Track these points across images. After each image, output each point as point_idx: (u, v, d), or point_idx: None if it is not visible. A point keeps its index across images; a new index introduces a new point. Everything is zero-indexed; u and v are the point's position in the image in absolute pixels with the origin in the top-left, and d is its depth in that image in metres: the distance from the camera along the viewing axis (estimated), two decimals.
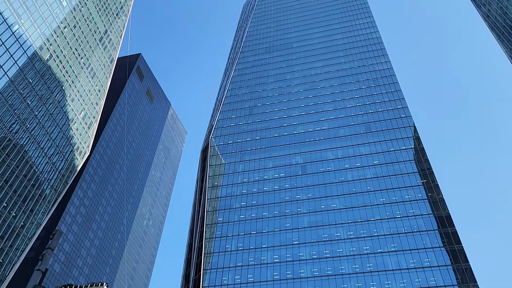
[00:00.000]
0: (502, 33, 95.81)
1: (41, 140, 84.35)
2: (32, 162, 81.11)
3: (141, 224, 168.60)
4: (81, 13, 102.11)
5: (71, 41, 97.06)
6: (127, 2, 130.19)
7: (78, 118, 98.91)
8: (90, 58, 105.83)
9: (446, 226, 71.27)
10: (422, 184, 78.94)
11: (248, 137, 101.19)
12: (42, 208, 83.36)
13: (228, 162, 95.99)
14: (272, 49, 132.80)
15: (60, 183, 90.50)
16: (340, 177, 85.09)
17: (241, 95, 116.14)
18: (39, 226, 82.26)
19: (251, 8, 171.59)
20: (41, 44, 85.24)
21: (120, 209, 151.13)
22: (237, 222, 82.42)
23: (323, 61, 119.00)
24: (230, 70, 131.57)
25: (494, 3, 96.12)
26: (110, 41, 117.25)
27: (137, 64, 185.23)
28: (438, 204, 74.87)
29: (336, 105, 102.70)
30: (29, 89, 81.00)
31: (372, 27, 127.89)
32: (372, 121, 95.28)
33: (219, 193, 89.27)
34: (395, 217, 75.19)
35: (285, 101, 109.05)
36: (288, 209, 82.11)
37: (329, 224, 77.27)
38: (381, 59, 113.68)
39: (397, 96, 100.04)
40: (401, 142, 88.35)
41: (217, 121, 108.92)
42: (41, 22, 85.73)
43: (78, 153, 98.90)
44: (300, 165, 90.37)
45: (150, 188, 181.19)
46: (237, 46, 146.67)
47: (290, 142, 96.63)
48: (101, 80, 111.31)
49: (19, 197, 76.25)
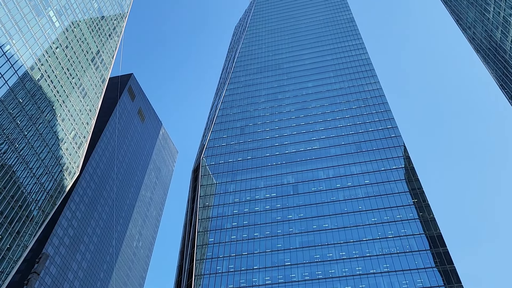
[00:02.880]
0: (488, 55, 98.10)
1: (30, 160, 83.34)
2: (20, 183, 79.90)
3: (131, 246, 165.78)
4: (73, 33, 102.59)
5: (63, 61, 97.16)
6: (120, 23, 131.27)
7: (68, 138, 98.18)
8: (82, 78, 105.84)
9: (438, 246, 71.19)
10: (413, 203, 79.12)
11: (239, 157, 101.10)
12: (29, 230, 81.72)
13: (219, 182, 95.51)
14: (264, 69, 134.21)
15: (48, 204, 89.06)
16: (331, 196, 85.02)
17: (233, 114, 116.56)
18: (26, 249, 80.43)
19: (242, 30, 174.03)
20: (32, 64, 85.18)
21: (110, 230, 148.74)
22: (228, 243, 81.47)
23: (314, 81, 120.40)
24: (222, 90, 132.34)
25: (479, 26, 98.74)
26: (102, 61, 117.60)
27: (128, 83, 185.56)
28: (429, 223, 74.95)
29: (327, 124, 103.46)
30: (19, 109, 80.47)
31: (361, 49, 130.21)
32: (363, 140, 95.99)
33: (210, 214, 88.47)
34: (387, 237, 74.98)
35: (276, 121, 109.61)
36: (279, 229, 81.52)
37: (321, 245, 76.74)
38: (370, 79, 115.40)
39: (387, 116, 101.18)
40: (391, 161, 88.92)
41: (209, 141, 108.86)
42: (33, 42, 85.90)
43: (68, 173, 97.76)
44: (292, 184, 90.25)
45: (141, 209, 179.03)
46: (229, 66, 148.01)
47: (282, 161, 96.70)
48: (92, 100, 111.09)
49: (6, 219, 74.73)
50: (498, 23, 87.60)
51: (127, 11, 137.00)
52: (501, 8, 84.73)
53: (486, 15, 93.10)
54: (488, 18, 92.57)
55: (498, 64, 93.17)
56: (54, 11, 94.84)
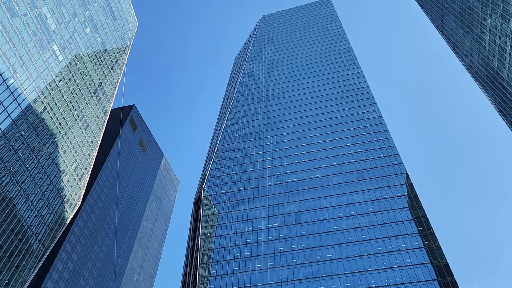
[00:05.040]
0: (485, 82, 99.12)
1: (31, 193, 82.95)
2: (21, 216, 79.22)
3: (131, 279, 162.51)
4: (76, 66, 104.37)
5: (66, 94, 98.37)
6: (122, 56, 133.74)
7: (70, 169, 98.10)
8: (84, 110, 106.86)
9: (445, 275, 69.61)
10: (418, 232, 77.95)
11: (241, 187, 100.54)
12: (28, 264, 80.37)
13: (221, 212, 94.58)
14: (264, 98, 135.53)
15: (48, 237, 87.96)
16: (335, 225, 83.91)
17: (234, 144, 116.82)
18: (24, 284, 78.84)
19: (243, 60, 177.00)
20: (35, 97, 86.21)
21: (110, 263, 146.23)
22: (230, 275, 79.82)
23: (314, 110, 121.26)
24: (223, 120, 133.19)
25: (476, 54, 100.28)
26: (104, 93, 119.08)
27: (130, 115, 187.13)
28: (435, 252, 73.56)
29: (328, 153, 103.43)
30: (21, 142, 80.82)
31: (360, 77, 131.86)
32: (365, 168, 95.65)
33: (212, 245, 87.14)
34: (392, 267, 73.45)
35: (277, 150, 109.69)
36: (283, 260, 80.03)
37: (326, 276, 75.11)
38: (370, 107, 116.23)
39: (388, 143, 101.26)
40: (394, 189, 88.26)
41: (210, 171, 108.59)
42: (36, 76, 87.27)
43: (68, 206, 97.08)
44: (294, 214, 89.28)
45: (141, 240, 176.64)
46: (230, 96, 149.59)
47: (284, 190, 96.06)
48: (94, 132, 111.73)
49: (5, 253, 73.64)
50: (495, 51, 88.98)
51: (129, 44, 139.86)
52: (497, 37, 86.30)
53: (482, 43, 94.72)
54: (484, 46, 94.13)
55: (497, 90, 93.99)
56: (58, 45, 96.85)
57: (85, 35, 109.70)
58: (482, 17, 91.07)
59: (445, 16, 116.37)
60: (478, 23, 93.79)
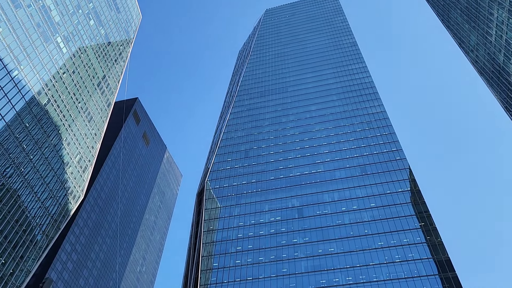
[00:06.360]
0: (491, 77, 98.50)
1: (35, 184, 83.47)
2: (25, 207, 79.79)
3: (134, 271, 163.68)
4: (80, 59, 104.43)
5: (70, 86, 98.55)
6: (126, 48, 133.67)
7: (74, 161, 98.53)
8: (88, 102, 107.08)
9: (447, 270, 69.71)
10: (420, 227, 77.99)
11: (244, 180, 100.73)
12: (32, 255, 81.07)
13: (223, 206, 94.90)
14: (268, 93, 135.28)
15: (52, 228, 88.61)
16: (337, 220, 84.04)
17: (237, 138, 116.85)
18: (29, 274, 79.60)
19: (246, 54, 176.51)
20: (39, 89, 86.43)
21: (113, 255, 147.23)
22: (232, 267, 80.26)
23: (318, 105, 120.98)
24: (226, 114, 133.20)
25: (482, 49, 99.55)
26: (108, 86, 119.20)
27: (134, 108, 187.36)
28: (437, 247, 73.63)
29: (331, 147, 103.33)
30: (25, 133, 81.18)
31: (365, 72, 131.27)
32: (368, 163, 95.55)
33: (215, 238, 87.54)
34: (394, 262, 73.60)
35: (280, 144, 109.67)
36: (284, 254, 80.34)
37: (327, 269, 75.39)
38: (374, 102, 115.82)
39: (391, 138, 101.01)
40: (397, 184, 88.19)
41: (213, 164, 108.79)
42: (40, 68, 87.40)
43: (72, 197, 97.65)
44: (297, 208, 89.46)
45: (144, 233, 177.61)
46: (233, 90, 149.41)
47: (286, 185, 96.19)
48: (97, 124, 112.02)
49: (10, 243, 74.30)
50: (501, 46, 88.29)
51: (133, 37, 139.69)
52: (503, 32, 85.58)
53: (489, 38, 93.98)
54: (490, 41, 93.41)
55: (502, 86, 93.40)
56: (62, 37, 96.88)
57: (88, 27, 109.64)
58: (489, 12, 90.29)
59: (451, 10, 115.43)
60: (485, 17, 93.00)
